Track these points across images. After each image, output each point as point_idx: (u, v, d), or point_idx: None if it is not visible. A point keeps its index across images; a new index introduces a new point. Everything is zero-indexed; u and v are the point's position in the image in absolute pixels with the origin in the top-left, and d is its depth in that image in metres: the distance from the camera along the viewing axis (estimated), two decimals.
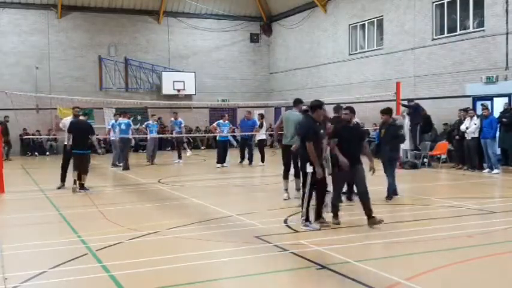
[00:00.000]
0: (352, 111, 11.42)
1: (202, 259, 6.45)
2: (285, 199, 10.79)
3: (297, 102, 11.24)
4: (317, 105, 8.19)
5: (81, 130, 12.59)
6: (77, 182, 12.51)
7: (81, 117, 12.95)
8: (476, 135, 15.57)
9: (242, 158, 19.34)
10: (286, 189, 10.94)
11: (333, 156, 8.33)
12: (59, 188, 13.07)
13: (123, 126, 18.43)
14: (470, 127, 15.68)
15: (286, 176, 11.07)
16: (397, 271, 5.84)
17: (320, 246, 6.89)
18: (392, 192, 10.60)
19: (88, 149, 12.80)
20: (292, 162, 10.90)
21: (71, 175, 12.92)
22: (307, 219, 7.98)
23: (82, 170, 12.54)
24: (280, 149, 11.46)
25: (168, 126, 23.74)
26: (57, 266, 6.25)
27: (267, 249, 6.94)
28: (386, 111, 10.81)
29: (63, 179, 13.21)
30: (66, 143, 13.15)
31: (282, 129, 11.33)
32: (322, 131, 8.29)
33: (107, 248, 7.07)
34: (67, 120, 13.53)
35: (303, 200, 8.03)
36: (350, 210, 10.06)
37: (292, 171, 10.92)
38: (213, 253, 6.74)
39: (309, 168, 7.80)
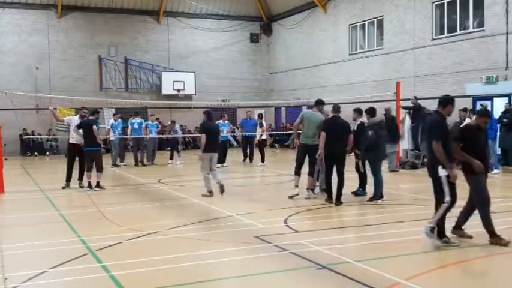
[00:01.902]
0: (359, 112, 11.45)
1: (202, 259, 6.45)
2: (296, 194, 10.85)
3: (318, 103, 11.23)
4: (448, 100, 7.32)
5: (87, 128, 12.77)
6: (88, 182, 12.68)
7: (90, 117, 13.15)
8: None
9: (245, 156, 19.48)
10: (296, 186, 10.98)
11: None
12: (63, 187, 13.10)
13: (136, 126, 19.28)
14: None
15: (298, 173, 11.07)
16: (397, 271, 5.84)
17: (320, 246, 6.89)
18: (379, 193, 10.52)
19: (97, 146, 12.91)
20: (309, 161, 10.92)
21: (75, 176, 13.18)
22: (433, 230, 6.88)
23: (93, 166, 12.70)
24: (296, 148, 11.43)
25: (167, 126, 23.65)
26: (57, 266, 6.25)
27: (267, 249, 6.93)
28: (368, 111, 10.84)
29: (68, 178, 13.26)
30: (70, 141, 13.35)
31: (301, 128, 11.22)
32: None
33: (107, 248, 7.07)
34: (73, 118, 13.65)
35: (437, 208, 6.99)
36: (349, 210, 10.07)
37: (306, 169, 11.00)
38: (213, 253, 6.74)
39: (442, 172, 6.75)
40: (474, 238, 7.28)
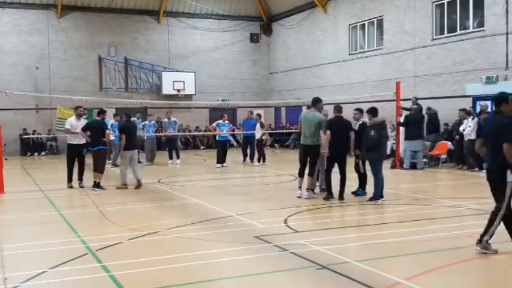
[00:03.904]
0: (362, 112, 11.48)
1: (202, 259, 6.45)
2: (299, 196, 10.93)
3: (315, 101, 11.19)
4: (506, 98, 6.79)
5: (95, 128, 12.92)
6: (94, 181, 12.79)
7: (97, 117, 13.53)
8: (473, 137, 15.49)
9: (245, 156, 19.45)
10: (300, 187, 11.09)
11: None
12: (70, 187, 13.19)
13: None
14: (466, 129, 15.68)
15: (301, 174, 11.16)
16: (397, 271, 5.84)
17: (320, 246, 6.89)
18: (379, 193, 10.52)
19: (105, 145, 13.08)
20: (309, 161, 11.02)
21: (76, 175, 13.30)
22: (488, 241, 6.52)
23: (98, 167, 12.76)
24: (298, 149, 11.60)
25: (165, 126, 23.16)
26: (57, 266, 6.26)
27: (267, 249, 6.94)
28: (370, 111, 10.84)
29: (70, 179, 13.30)
30: (69, 142, 13.44)
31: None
32: None
33: (107, 248, 7.08)
34: (71, 119, 13.69)
35: (496, 216, 6.49)
36: (349, 210, 10.07)
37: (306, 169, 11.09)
38: (213, 253, 6.74)
39: (510, 177, 6.25)
40: (473, 238, 7.27)
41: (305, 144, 10.97)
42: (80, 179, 13.27)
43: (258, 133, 18.93)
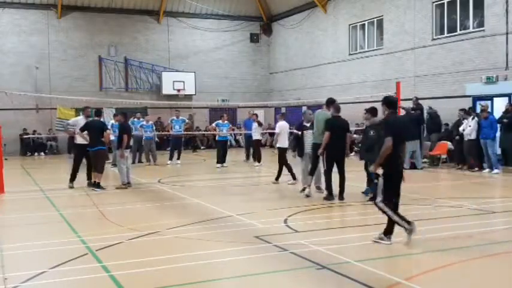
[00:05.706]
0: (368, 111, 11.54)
1: (202, 259, 6.45)
2: (307, 195, 11.07)
3: (329, 102, 11.27)
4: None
5: (95, 128, 12.95)
6: (94, 181, 12.85)
7: (96, 118, 13.58)
8: (473, 137, 15.50)
9: (248, 157, 19.43)
10: (309, 185, 11.25)
11: None
12: (70, 187, 13.19)
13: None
14: (466, 129, 15.68)
15: (312, 173, 11.28)
16: (397, 271, 5.84)
17: (320, 246, 6.89)
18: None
19: (104, 145, 13.10)
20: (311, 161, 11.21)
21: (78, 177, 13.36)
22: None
23: (97, 167, 12.79)
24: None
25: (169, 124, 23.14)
26: (57, 266, 6.25)
27: (267, 249, 6.94)
28: (369, 111, 10.88)
29: (73, 178, 13.33)
30: (77, 142, 13.51)
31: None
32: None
33: (107, 248, 7.07)
34: (79, 119, 13.79)
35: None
36: (349, 210, 10.07)
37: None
38: (213, 253, 6.74)
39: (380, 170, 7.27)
40: (473, 238, 7.28)
41: (315, 142, 11.17)
42: (89, 178, 13.31)
43: (255, 133, 18.88)
